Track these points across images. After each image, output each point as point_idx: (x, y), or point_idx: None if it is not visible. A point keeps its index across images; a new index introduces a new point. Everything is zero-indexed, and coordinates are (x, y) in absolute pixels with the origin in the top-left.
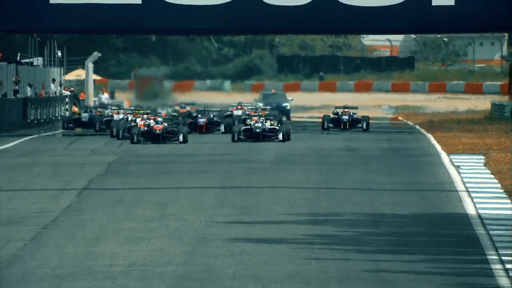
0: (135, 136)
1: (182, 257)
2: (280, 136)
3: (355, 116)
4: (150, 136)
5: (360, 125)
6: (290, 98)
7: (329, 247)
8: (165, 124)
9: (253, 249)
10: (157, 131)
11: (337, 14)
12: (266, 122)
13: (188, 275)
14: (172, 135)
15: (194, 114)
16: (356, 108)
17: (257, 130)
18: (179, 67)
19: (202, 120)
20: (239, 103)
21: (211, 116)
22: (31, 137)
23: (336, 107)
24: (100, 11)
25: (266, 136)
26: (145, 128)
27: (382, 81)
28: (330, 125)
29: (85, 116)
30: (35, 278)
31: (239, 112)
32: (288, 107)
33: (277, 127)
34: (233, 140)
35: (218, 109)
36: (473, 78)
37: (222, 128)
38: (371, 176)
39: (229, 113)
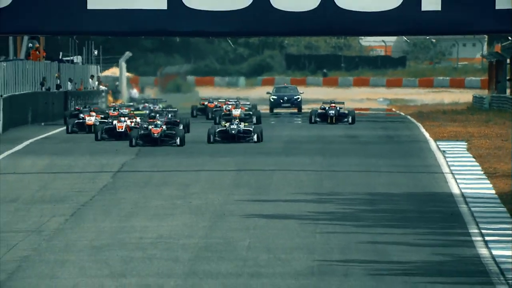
0: (133, 139)
1: (203, 230)
2: (255, 137)
3: (341, 110)
4: (148, 139)
5: (346, 119)
6: (301, 92)
7: (331, 222)
8: (164, 127)
9: (265, 224)
10: (155, 134)
11: (338, 18)
12: (240, 124)
13: (208, 247)
14: (169, 139)
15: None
16: (343, 103)
17: (233, 132)
18: (200, 64)
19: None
20: (227, 99)
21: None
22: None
23: (324, 102)
24: (131, 16)
25: (241, 137)
26: (143, 131)
27: (378, 77)
28: (318, 119)
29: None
30: (75, 249)
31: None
32: (300, 99)
33: (251, 129)
34: (208, 141)
35: (175, 109)
36: (457, 74)
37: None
38: (368, 160)
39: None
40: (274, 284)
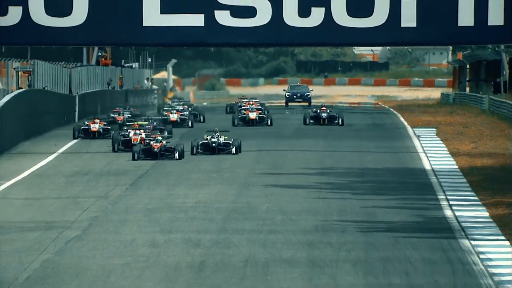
0: (136, 153)
1: (231, 197)
2: (233, 149)
3: (331, 114)
4: (149, 153)
5: (336, 121)
6: (311, 89)
7: (331, 191)
8: (164, 143)
9: (280, 192)
10: (156, 149)
11: (336, 33)
12: (220, 137)
13: (236, 210)
14: (169, 153)
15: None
16: (331, 106)
17: (213, 145)
18: (229, 68)
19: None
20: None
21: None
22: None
23: (315, 107)
24: (176, 31)
25: (221, 149)
26: (145, 146)
27: (367, 78)
28: (311, 121)
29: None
30: (133, 211)
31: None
32: (309, 96)
33: (230, 142)
34: (192, 153)
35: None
36: (429, 76)
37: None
38: (360, 142)
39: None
40: (287, 238)
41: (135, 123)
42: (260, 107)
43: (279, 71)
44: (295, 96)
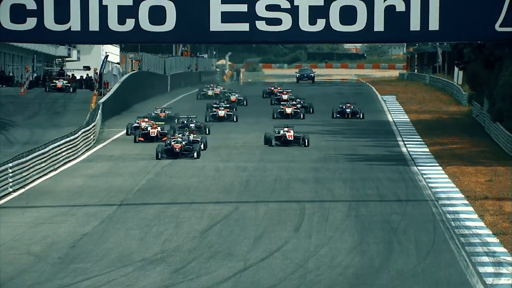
0: (159, 153)
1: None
2: (195, 154)
3: (354, 109)
4: (171, 153)
5: (358, 115)
6: (314, 71)
7: (330, 135)
8: (183, 143)
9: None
10: (177, 149)
11: (333, 35)
12: (190, 135)
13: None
14: (188, 152)
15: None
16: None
17: (177, 150)
18: (265, 57)
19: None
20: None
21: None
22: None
23: (341, 103)
24: (232, 34)
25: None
26: (168, 146)
27: (352, 63)
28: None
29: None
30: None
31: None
32: (313, 75)
33: (199, 139)
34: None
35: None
36: (391, 62)
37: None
38: (343, 100)
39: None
40: (301, 165)
41: (154, 123)
42: (293, 98)
43: (296, 59)
44: (303, 76)
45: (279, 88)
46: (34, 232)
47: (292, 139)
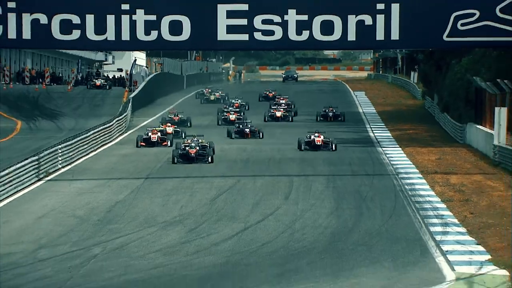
0: (175, 158)
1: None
2: (210, 159)
3: (336, 112)
4: (186, 157)
5: (340, 118)
6: (297, 72)
7: (312, 123)
8: (198, 148)
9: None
10: (192, 154)
11: (315, 43)
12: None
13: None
14: (202, 157)
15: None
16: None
17: (192, 155)
18: (261, 61)
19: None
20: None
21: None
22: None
23: (324, 107)
24: (235, 43)
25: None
26: (183, 151)
27: (330, 66)
28: (321, 118)
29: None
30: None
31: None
32: (296, 76)
33: (207, 144)
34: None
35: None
36: (361, 65)
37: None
38: (323, 95)
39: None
40: (289, 148)
41: (154, 128)
42: (288, 103)
43: (286, 62)
44: (288, 77)
45: (274, 93)
46: (78, 200)
47: (321, 143)
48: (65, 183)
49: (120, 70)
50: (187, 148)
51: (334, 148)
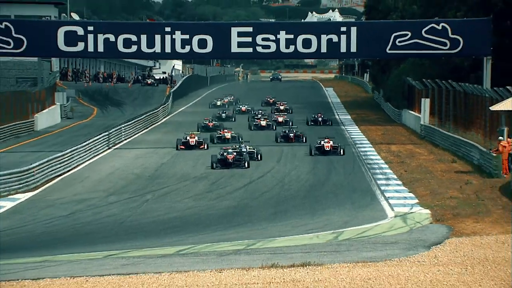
0: (214, 163)
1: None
2: (246, 164)
3: (324, 117)
4: (224, 163)
5: (328, 122)
6: (281, 75)
7: (296, 109)
8: (235, 154)
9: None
10: (229, 160)
11: (298, 54)
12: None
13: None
14: (239, 162)
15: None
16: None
17: (230, 160)
18: (261, 66)
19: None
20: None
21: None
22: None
23: (313, 112)
24: (244, 55)
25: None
26: (221, 156)
27: (309, 70)
28: (312, 123)
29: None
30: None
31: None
32: (280, 78)
33: (254, 150)
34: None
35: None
36: (330, 69)
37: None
38: (302, 90)
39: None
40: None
41: (192, 133)
42: (287, 108)
43: (278, 67)
44: (274, 78)
45: (274, 99)
46: (135, 162)
47: (329, 149)
48: (126, 151)
49: (164, 73)
50: (225, 154)
51: (342, 153)
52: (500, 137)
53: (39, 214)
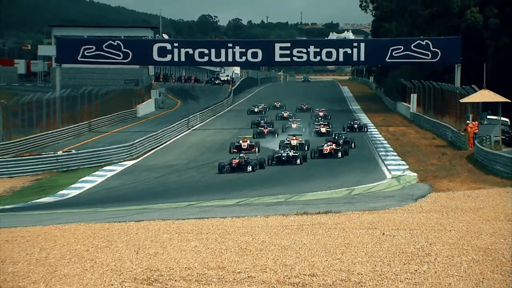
0: (269, 160)
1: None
2: (298, 161)
3: (360, 124)
4: (279, 160)
5: (363, 129)
6: (310, 77)
7: (311, 95)
8: (290, 153)
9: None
10: (284, 157)
11: (325, 62)
12: (290, 151)
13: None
14: (293, 159)
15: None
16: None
17: (283, 158)
18: (296, 71)
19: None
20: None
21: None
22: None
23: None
24: (284, 62)
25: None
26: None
27: (330, 74)
28: (348, 130)
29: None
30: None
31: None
32: (309, 79)
33: (297, 154)
34: (268, 164)
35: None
36: (346, 73)
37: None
38: (322, 88)
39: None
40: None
41: (244, 137)
42: (327, 118)
43: (308, 72)
44: (305, 80)
45: (307, 106)
46: (207, 139)
47: (327, 152)
48: (201, 131)
49: (227, 76)
50: (280, 152)
51: (340, 156)
52: (468, 121)
53: (140, 176)
